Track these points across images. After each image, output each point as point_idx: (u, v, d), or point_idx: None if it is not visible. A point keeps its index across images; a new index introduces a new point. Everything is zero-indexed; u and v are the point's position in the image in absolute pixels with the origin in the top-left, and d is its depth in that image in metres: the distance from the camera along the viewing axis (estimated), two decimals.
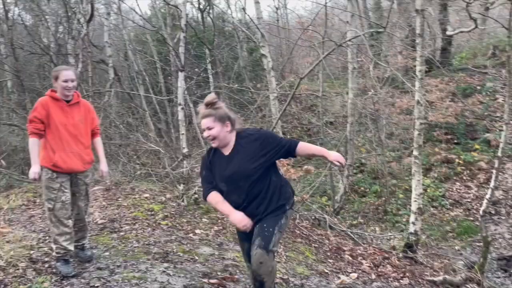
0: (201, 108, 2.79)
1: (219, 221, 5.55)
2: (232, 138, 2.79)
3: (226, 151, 2.80)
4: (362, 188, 10.21)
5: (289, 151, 2.76)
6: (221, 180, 2.80)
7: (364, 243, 6.25)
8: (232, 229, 5.25)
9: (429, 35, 13.09)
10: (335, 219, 7.13)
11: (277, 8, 19.30)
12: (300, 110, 13.29)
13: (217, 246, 4.68)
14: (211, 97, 2.78)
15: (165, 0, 13.70)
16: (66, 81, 3.50)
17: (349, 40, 6.77)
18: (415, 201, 5.96)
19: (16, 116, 10.29)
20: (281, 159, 2.94)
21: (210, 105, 2.76)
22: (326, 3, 7.64)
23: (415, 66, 6.11)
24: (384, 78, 10.68)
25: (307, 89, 12.82)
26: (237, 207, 2.79)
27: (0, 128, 9.85)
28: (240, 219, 2.73)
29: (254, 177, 2.72)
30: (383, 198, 9.41)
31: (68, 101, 3.59)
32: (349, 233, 6.53)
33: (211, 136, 2.72)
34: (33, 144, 3.51)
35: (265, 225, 2.73)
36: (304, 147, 2.79)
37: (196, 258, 4.23)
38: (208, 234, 5.05)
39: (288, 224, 2.98)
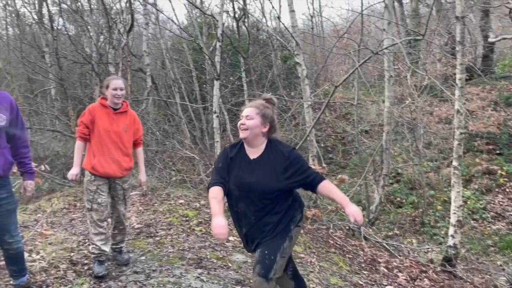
0: (252, 101, 2.77)
1: None
2: (262, 144, 2.69)
3: (252, 155, 2.69)
4: (398, 199, 9.97)
5: (311, 185, 2.62)
6: (236, 183, 2.66)
7: (400, 255, 6.08)
8: None
9: (470, 42, 12.71)
10: (370, 230, 6.99)
11: (312, 16, 19.30)
12: (334, 118, 13.16)
13: (249, 254, 4.67)
14: (269, 95, 2.78)
15: (201, 9, 13.99)
16: (115, 89, 3.67)
17: (386, 48, 6.67)
18: (455, 213, 5.75)
19: (59, 123, 10.73)
20: (300, 188, 2.73)
21: (267, 100, 2.73)
22: (362, 11, 7.56)
23: (454, 74, 5.94)
24: (422, 86, 10.42)
25: (341, 97, 12.70)
26: (244, 218, 2.69)
27: (44, 134, 10.29)
28: (217, 225, 2.36)
29: (270, 195, 2.61)
30: (420, 210, 9.14)
31: (116, 109, 3.74)
32: (384, 244, 6.38)
33: (245, 125, 2.62)
34: (77, 147, 3.73)
35: (266, 252, 2.58)
36: (327, 188, 2.61)
37: (230, 265, 4.25)
38: (241, 241, 5.06)
39: (295, 242, 2.81)
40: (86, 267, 3.88)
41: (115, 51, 9.79)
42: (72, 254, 4.17)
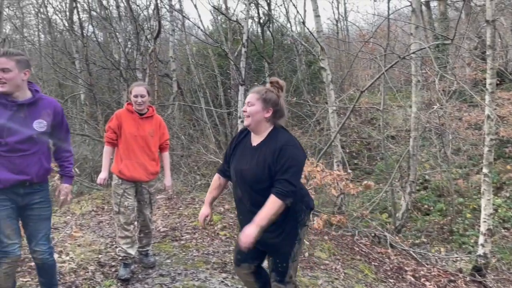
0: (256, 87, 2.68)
1: None
2: (266, 130, 2.56)
3: (254, 142, 2.60)
4: (426, 206, 9.76)
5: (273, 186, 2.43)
6: (233, 169, 2.63)
7: (427, 264, 5.95)
8: None
9: (500, 46, 12.36)
10: (397, 237, 6.86)
11: (337, 21, 19.20)
12: (359, 124, 13.02)
13: None
14: (275, 79, 2.65)
15: (227, 15, 14.13)
16: (136, 96, 3.74)
17: (413, 53, 6.56)
18: (485, 221, 5.59)
19: (88, 127, 11.00)
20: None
21: (272, 83, 2.62)
22: (389, 15, 7.47)
23: (485, 78, 5.80)
24: (450, 92, 10.20)
25: (367, 102, 12.57)
26: (240, 204, 2.64)
27: (73, 138, 10.57)
28: (201, 213, 2.75)
29: (260, 186, 2.48)
30: (449, 217, 8.92)
31: (141, 114, 3.81)
32: (411, 252, 6.25)
33: (247, 112, 2.54)
34: (105, 151, 3.85)
35: (277, 261, 2.59)
36: (268, 200, 2.38)
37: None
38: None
39: (304, 242, 2.80)
40: (113, 269, 3.95)
41: (143, 57, 9.99)
42: (100, 256, 4.26)
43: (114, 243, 4.53)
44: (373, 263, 5.38)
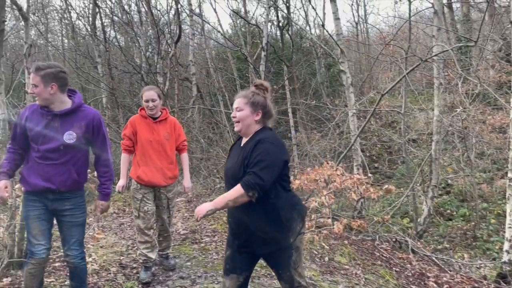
0: (242, 91, 2.67)
1: None
2: (253, 132, 2.55)
3: (243, 142, 2.60)
4: (448, 211, 9.56)
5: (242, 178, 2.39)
6: (224, 171, 2.69)
7: (450, 270, 5.82)
8: (308, 247, 5.19)
9: None
10: (418, 243, 6.74)
11: (356, 23, 19.07)
12: (380, 127, 12.87)
13: None
14: (260, 81, 2.64)
15: (246, 19, 14.19)
16: (147, 101, 3.73)
17: (436, 55, 6.46)
18: (510, 227, 5.44)
19: (110, 130, 11.19)
20: None
21: (257, 86, 2.60)
22: (410, 17, 7.38)
23: (509, 81, 5.66)
24: (474, 94, 10.00)
25: (388, 105, 12.42)
26: (229, 209, 2.60)
27: None
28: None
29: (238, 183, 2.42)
30: (472, 223, 8.71)
31: (155, 118, 3.80)
32: (433, 258, 6.13)
33: (236, 118, 2.53)
34: (123, 159, 3.85)
35: (280, 272, 2.58)
36: (233, 188, 2.37)
37: (273, 274, 4.23)
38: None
39: (303, 247, 2.69)
40: (134, 271, 4.00)
41: (163, 61, 10.11)
42: (121, 257, 4.32)
43: (135, 245, 4.58)
44: (394, 268, 5.30)
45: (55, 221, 2.95)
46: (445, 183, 10.29)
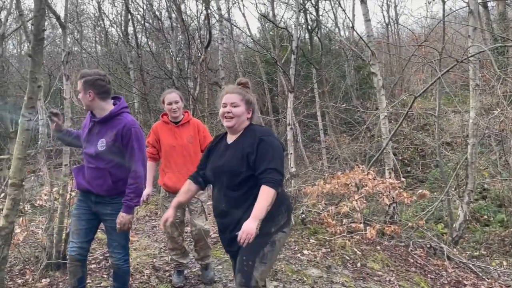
0: (229, 86, 2.62)
1: (327, 243, 5.46)
2: (243, 128, 2.54)
3: (230, 139, 2.56)
4: (485, 216, 9.24)
5: (256, 178, 2.35)
6: (211, 168, 2.57)
7: (488, 278, 5.62)
8: (340, 252, 5.13)
9: None
10: (454, 249, 6.54)
11: (387, 24, 18.77)
12: (412, 130, 12.59)
13: (325, 269, 4.60)
14: (244, 79, 2.63)
15: (274, 22, 14.20)
16: (170, 103, 3.64)
17: (472, 56, 6.26)
18: None
19: None
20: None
21: (242, 85, 2.58)
22: (444, 17, 7.19)
23: None
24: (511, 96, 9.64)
25: (420, 107, 12.14)
26: (218, 206, 2.52)
27: None
28: (164, 216, 2.56)
29: (237, 179, 2.40)
30: (511, 229, 8.38)
31: (177, 122, 3.71)
32: (470, 265, 5.93)
33: (231, 114, 2.47)
34: (148, 167, 3.65)
35: (244, 258, 2.37)
36: (259, 193, 2.29)
37: (305, 279, 4.20)
38: (316, 255, 4.99)
39: (279, 250, 2.56)
40: (167, 274, 4.06)
41: (193, 66, 10.25)
42: (154, 260, 4.38)
43: (167, 248, 4.64)
44: (429, 275, 5.16)
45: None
46: (481, 188, 9.96)
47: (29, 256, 4.25)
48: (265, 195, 2.27)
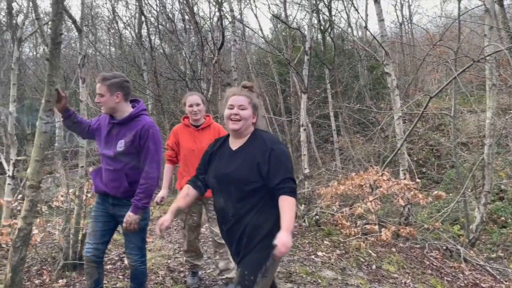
0: (234, 88, 2.52)
1: (341, 244, 5.43)
2: (248, 133, 2.44)
3: (234, 146, 2.45)
4: (503, 218, 9.09)
5: (273, 192, 2.28)
6: (214, 175, 2.45)
7: (506, 281, 5.53)
8: (355, 254, 5.09)
9: None
10: (471, 251, 6.44)
11: (400, 24, 18.60)
12: (427, 130, 12.45)
13: (340, 271, 4.57)
14: (250, 83, 2.53)
15: (287, 23, 14.19)
16: (191, 105, 3.58)
17: (489, 55, 6.16)
18: None
19: None
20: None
21: (247, 88, 2.48)
22: (459, 16, 7.10)
23: None
24: None
25: (435, 108, 12.00)
26: (223, 216, 2.42)
27: None
28: (160, 220, 2.37)
29: (247, 187, 2.31)
30: None
31: (197, 126, 3.65)
32: (487, 268, 5.84)
33: (239, 116, 2.37)
34: (165, 170, 3.70)
35: (246, 272, 2.28)
36: (280, 204, 2.22)
37: (319, 281, 4.18)
38: (330, 257, 4.96)
39: (279, 261, 2.46)
40: (182, 275, 4.07)
41: (206, 67, 10.29)
42: (169, 261, 4.41)
43: (182, 249, 4.66)
44: (445, 278, 5.09)
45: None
46: (498, 189, 9.80)
47: (46, 257, 4.31)
48: (290, 206, 2.23)
